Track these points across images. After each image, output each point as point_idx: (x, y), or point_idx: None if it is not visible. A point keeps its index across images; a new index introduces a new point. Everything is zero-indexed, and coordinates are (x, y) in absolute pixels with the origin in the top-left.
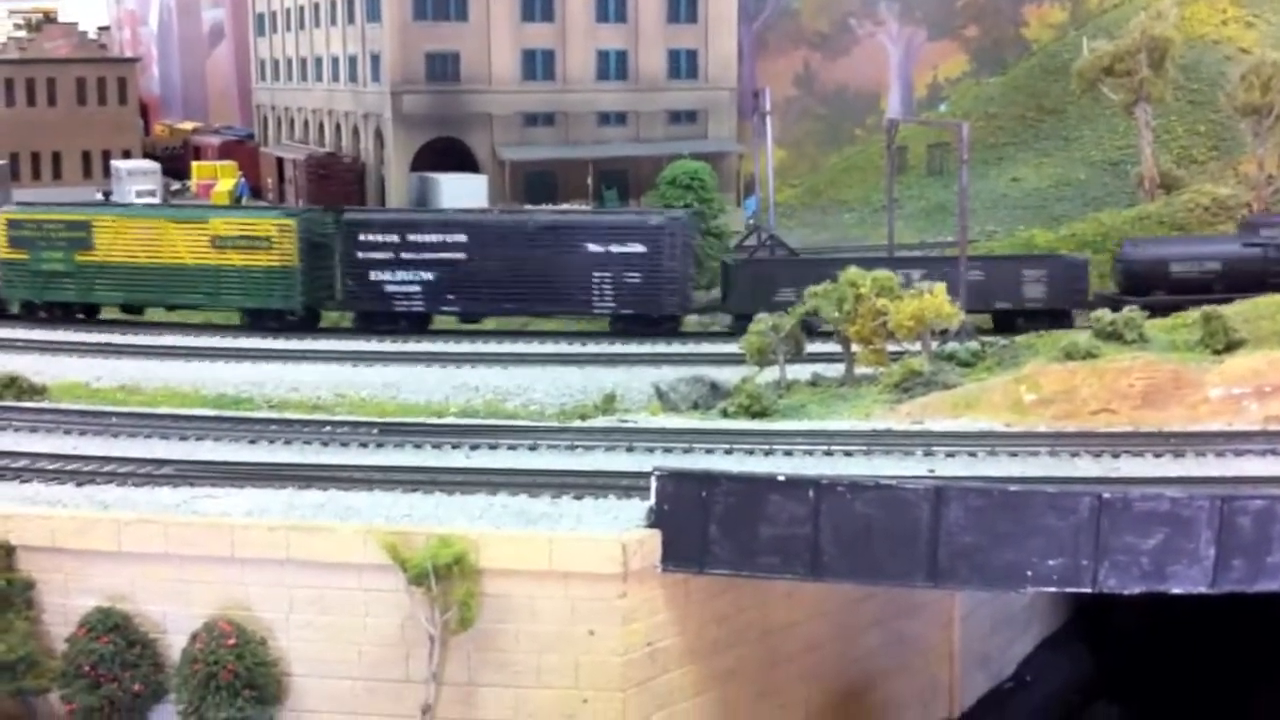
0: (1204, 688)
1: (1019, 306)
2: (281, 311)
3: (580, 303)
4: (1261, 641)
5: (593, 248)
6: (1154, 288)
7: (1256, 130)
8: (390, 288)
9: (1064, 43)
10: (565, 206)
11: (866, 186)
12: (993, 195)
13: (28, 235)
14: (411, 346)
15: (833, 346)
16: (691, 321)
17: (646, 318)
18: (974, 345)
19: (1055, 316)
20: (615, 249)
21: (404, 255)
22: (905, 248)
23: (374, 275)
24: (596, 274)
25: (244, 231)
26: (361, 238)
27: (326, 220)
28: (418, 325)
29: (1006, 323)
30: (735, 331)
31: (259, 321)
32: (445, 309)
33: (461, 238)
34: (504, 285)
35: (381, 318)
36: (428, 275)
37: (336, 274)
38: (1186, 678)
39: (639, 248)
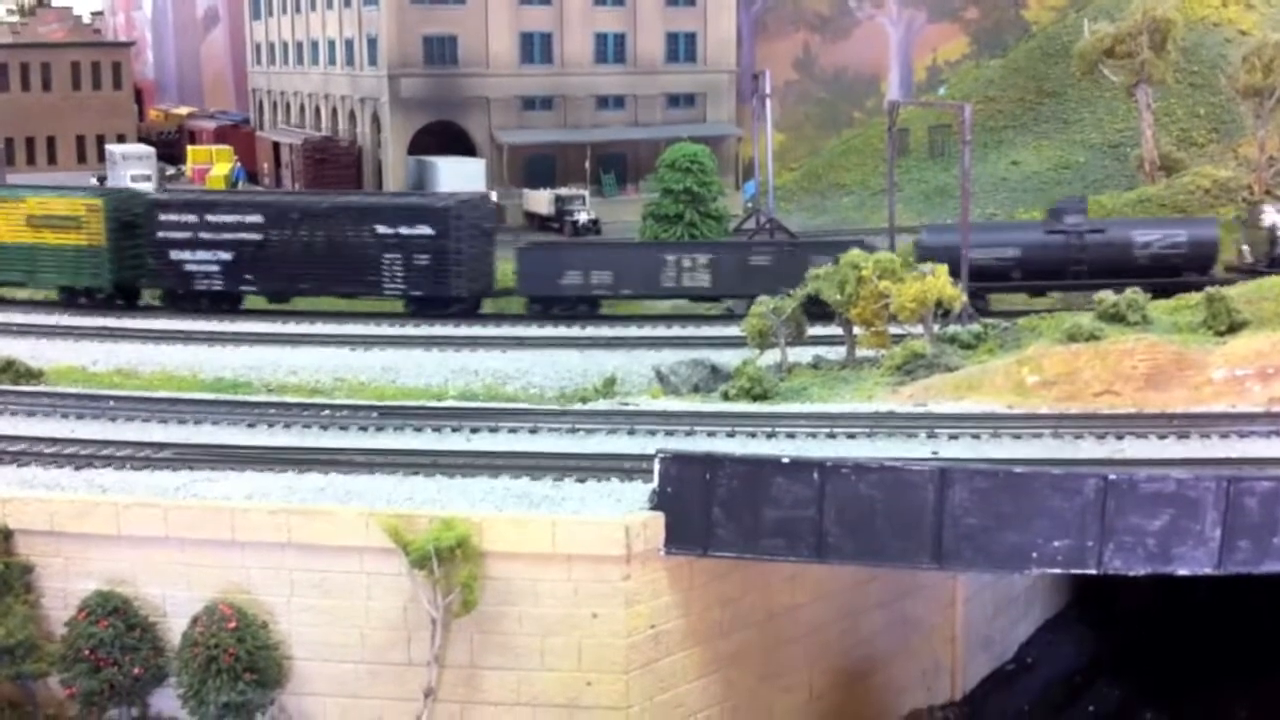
0: (1208, 669)
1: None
2: (91, 289)
3: (371, 284)
4: (1266, 623)
5: (382, 229)
6: (950, 274)
7: (1258, 112)
8: (190, 266)
9: (1064, 25)
10: (565, 190)
11: (865, 170)
12: (992, 178)
13: None
14: (409, 330)
15: (834, 329)
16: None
17: (437, 299)
18: (976, 327)
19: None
20: (404, 231)
21: (203, 235)
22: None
23: (174, 255)
24: (386, 255)
25: (56, 211)
26: (162, 218)
27: (137, 201)
28: (219, 304)
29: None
30: (528, 315)
31: (72, 299)
32: (244, 288)
33: (258, 218)
34: (299, 265)
35: (183, 296)
36: (226, 255)
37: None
38: (1190, 659)
39: (426, 230)
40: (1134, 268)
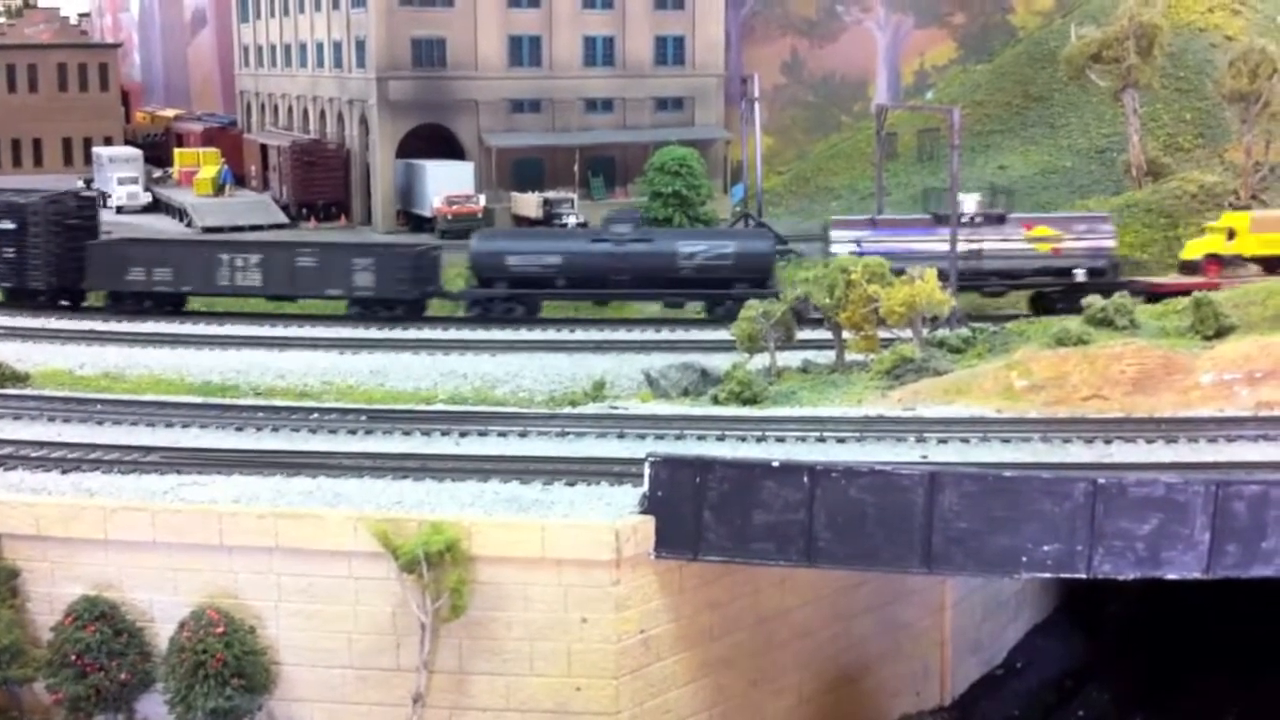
0: (1197, 673)
1: (349, 294)
2: None
3: None
4: (1255, 627)
5: None
6: (496, 281)
7: (1244, 117)
8: None
9: (1051, 30)
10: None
11: (853, 173)
12: (979, 182)
13: None
14: (399, 334)
15: (824, 333)
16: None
17: (23, 291)
18: (965, 331)
19: (390, 305)
20: None
21: None
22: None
23: None
24: None
25: None
26: None
27: None
28: None
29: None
30: (106, 308)
31: None
32: None
33: None
34: None
35: None
36: None
37: None
38: (1179, 663)
39: (9, 225)
40: (679, 278)
